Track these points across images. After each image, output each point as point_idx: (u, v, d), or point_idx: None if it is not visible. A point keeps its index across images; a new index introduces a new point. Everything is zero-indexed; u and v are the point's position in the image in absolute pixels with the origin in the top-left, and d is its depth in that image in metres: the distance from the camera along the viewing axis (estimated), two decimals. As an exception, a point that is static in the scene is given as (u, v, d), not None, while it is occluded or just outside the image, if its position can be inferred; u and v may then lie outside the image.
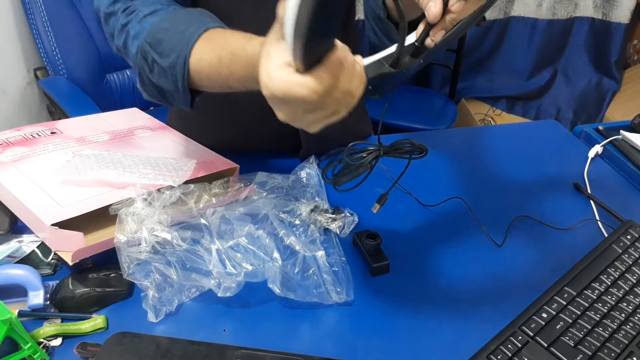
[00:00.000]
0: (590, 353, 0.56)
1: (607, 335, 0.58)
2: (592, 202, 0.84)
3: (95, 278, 0.62)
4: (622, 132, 0.98)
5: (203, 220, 0.64)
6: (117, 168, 0.68)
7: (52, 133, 0.79)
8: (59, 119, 1.15)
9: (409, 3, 0.53)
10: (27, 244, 0.67)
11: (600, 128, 1.03)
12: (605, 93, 2.36)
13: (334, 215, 0.69)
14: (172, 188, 0.66)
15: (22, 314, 0.58)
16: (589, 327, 0.59)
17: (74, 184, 0.66)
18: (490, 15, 2.30)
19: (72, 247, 0.59)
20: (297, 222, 0.67)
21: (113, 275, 0.62)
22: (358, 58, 0.45)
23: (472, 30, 2.17)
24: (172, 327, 0.60)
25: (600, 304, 0.62)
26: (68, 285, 0.61)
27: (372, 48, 0.60)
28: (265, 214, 0.66)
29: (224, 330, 0.60)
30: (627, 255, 0.69)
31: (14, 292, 0.61)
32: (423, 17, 0.54)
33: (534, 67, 2.43)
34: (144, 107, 1.03)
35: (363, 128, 1.00)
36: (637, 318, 0.61)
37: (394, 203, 0.82)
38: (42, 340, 0.56)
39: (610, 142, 0.97)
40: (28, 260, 0.65)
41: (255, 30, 0.77)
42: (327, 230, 0.69)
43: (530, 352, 0.56)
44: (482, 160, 0.95)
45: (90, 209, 0.62)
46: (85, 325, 0.58)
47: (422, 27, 0.53)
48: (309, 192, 0.72)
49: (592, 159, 0.95)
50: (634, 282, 0.66)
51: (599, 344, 0.57)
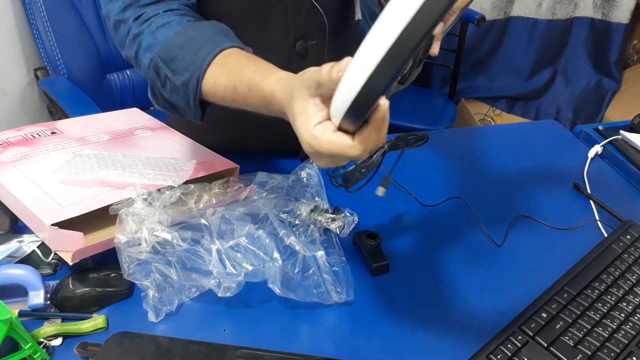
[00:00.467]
0: (590, 353, 0.56)
1: (606, 335, 0.58)
2: (591, 202, 0.84)
3: (96, 278, 0.62)
4: (621, 132, 0.98)
5: (203, 221, 0.64)
6: (117, 168, 0.68)
7: (52, 133, 0.79)
8: (59, 119, 1.15)
9: None
10: (27, 244, 0.67)
11: (600, 128, 1.03)
12: (605, 93, 2.36)
13: (334, 215, 0.69)
14: (172, 188, 0.66)
15: (22, 314, 0.58)
16: (589, 326, 0.59)
17: (74, 184, 0.66)
18: (490, 16, 2.30)
19: (72, 247, 0.59)
20: (297, 222, 0.67)
21: (113, 275, 0.63)
22: None
23: (472, 31, 2.17)
24: (172, 327, 0.60)
25: (600, 304, 0.62)
26: (68, 285, 0.61)
27: None
28: (265, 214, 0.66)
29: (224, 330, 0.60)
30: (626, 255, 0.70)
31: (15, 292, 0.61)
32: None
33: (534, 67, 2.43)
34: (144, 107, 1.03)
35: None
36: (636, 318, 0.61)
37: (394, 203, 0.82)
38: (42, 340, 0.56)
39: (610, 142, 0.97)
40: (28, 260, 0.65)
41: (256, 34, 0.78)
42: (327, 230, 0.69)
43: (530, 351, 0.56)
44: (482, 160, 0.95)
45: (90, 209, 0.62)
46: (86, 325, 0.58)
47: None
48: (309, 192, 0.72)
49: (591, 159, 0.95)
50: (634, 282, 0.66)
51: (599, 344, 0.57)
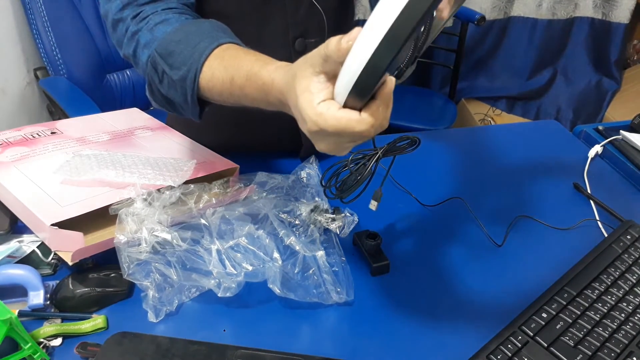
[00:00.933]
0: (590, 353, 0.56)
1: (607, 335, 0.58)
2: (592, 202, 0.84)
3: (96, 278, 0.62)
4: (622, 132, 0.98)
5: (203, 221, 0.64)
6: (117, 168, 0.68)
7: (52, 133, 0.79)
8: (59, 119, 1.15)
9: None
10: (27, 244, 0.67)
11: (600, 128, 1.03)
12: (605, 93, 2.36)
13: (334, 215, 0.69)
14: (172, 188, 0.66)
15: (22, 314, 0.58)
16: (589, 327, 0.59)
17: (74, 184, 0.66)
18: (490, 15, 2.30)
19: (72, 247, 0.59)
20: (297, 222, 0.67)
21: (113, 275, 0.62)
22: None
23: (472, 30, 2.17)
24: (172, 327, 0.60)
25: (600, 304, 0.62)
26: (68, 285, 0.61)
27: None
28: (265, 214, 0.66)
29: (224, 330, 0.60)
30: (627, 255, 0.69)
31: (14, 292, 0.61)
32: None
33: (534, 67, 2.43)
34: (144, 107, 1.03)
35: None
36: (637, 318, 0.61)
37: (394, 203, 0.82)
38: (42, 340, 0.56)
39: (610, 142, 0.97)
40: (28, 260, 0.65)
41: (255, 32, 0.77)
42: (327, 230, 0.69)
43: (530, 352, 0.56)
44: (482, 160, 0.95)
45: (90, 209, 0.62)
46: (86, 325, 0.58)
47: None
48: (309, 192, 0.72)
49: (592, 159, 0.95)
50: (634, 282, 0.66)
51: (599, 344, 0.57)
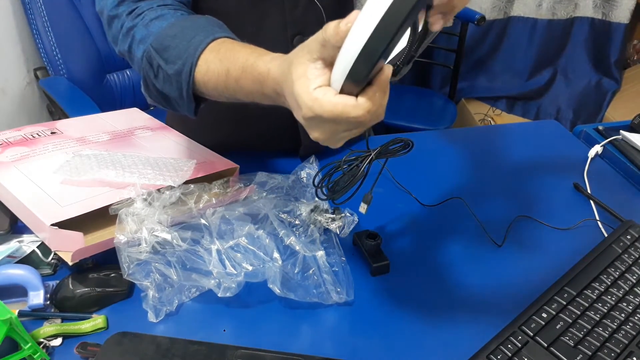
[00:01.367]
0: (590, 353, 0.56)
1: (607, 335, 0.58)
2: (592, 202, 0.84)
3: (96, 278, 0.62)
4: (622, 132, 0.98)
5: (203, 221, 0.64)
6: (116, 168, 0.68)
7: (52, 133, 0.79)
8: (59, 119, 1.15)
9: None
10: (27, 244, 0.67)
11: (600, 128, 1.03)
12: (605, 93, 2.36)
13: (334, 215, 0.69)
14: (172, 188, 0.66)
15: (22, 314, 0.58)
16: (589, 327, 0.59)
17: (74, 184, 0.66)
18: (490, 15, 2.30)
19: (71, 247, 0.59)
20: (297, 222, 0.67)
21: (113, 275, 0.62)
22: None
23: (472, 30, 2.17)
24: (172, 327, 0.60)
25: (600, 304, 0.62)
26: (68, 285, 0.61)
27: None
28: (265, 214, 0.66)
29: (224, 330, 0.60)
30: (627, 255, 0.69)
31: (14, 292, 0.61)
32: None
33: (534, 67, 2.43)
34: (144, 107, 1.03)
35: None
36: (637, 318, 0.61)
37: (394, 203, 0.82)
38: (42, 340, 0.56)
39: (610, 142, 0.97)
40: (28, 260, 0.65)
41: (253, 29, 0.77)
42: (327, 230, 0.69)
43: (530, 352, 0.56)
44: (482, 160, 0.95)
45: (90, 209, 0.62)
46: (86, 325, 0.58)
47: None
48: (309, 192, 0.72)
49: (592, 159, 0.95)
50: (634, 282, 0.66)
51: (599, 344, 0.57)
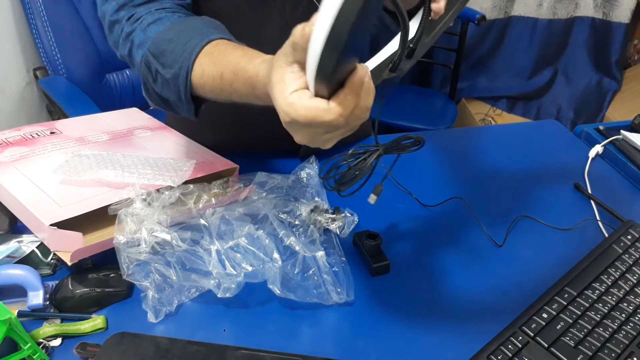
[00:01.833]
0: (591, 353, 0.56)
1: (607, 336, 0.58)
2: (592, 202, 0.84)
3: (95, 278, 0.62)
4: (622, 132, 0.98)
5: (202, 221, 0.64)
6: (116, 168, 0.68)
7: (51, 133, 0.79)
8: (59, 119, 1.15)
9: None
10: (26, 244, 0.67)
11: (601, 128, 1.03)
12: (606, 93, 2.36)
13: (334, 216, 0.69)
14: (171, 188, 0.66)
15: (21, 314, 0.58)
16: (590, 327, 0.59)
17: (73, 184, 0.66)
18: (491, 15, 2.30)
19: (71, 247, 0.59)
20: (296, 222, 0.67)
21: (113, 276, 0.62)
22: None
23: (472, 30, 2.17)
24: (171, 327, 0.60)
25: (601, 304, 0.62)
26: (67, 286, 0.61)
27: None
28: (265, 215, 0.66)
29: (224, 331, 0.60)
30: (627, 256, 0.69)
31: (14, 292, 0.60)
32: (417, 10, 0.54)
33: (535, 66, 2.43)
34: (144, 107, 1.03)
35: (362, 127, 1.00)
36: (637, 318, 0.61)
37: (394, 203, 0.82)
38: (41, 341, 0.56)
39: (611, 142, 0.97)
40: (27, 261, 0.65)
41: (254, 30, 0.77)
42: (327, 231, 0.69)
43: (531, 352, 0.56)
44: (482, 160, 0.95)
45: (89, 209, 0.62)
46: (85, 326, 0.58)
47: (415, 28, 0.54)
48: (309, 192, 0.72)
49: (592, 159, 0.95)
50: (635, 282, 0.66)
51: (600, 344, 0.57)
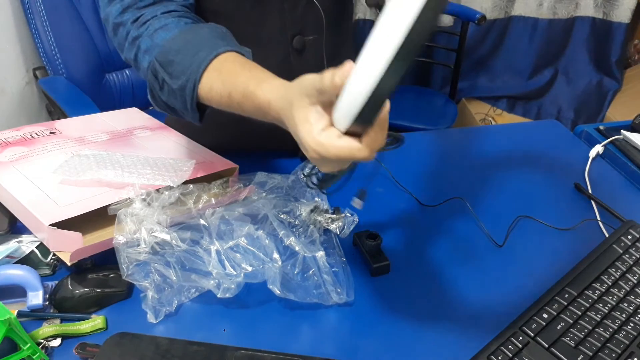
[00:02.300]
0: (591, 353, 0.56)
1: (607, 336, 0.58)
2: (592, 202, 0.84)
3: (95, 278, 0.62)
4: (623, 132, 0.98)
5: (202, 221, 0.64)
6: (115, 168, 0.67)
7: (51, 133, 0.79)
8: (58, 119, 1.14)
9: None
10: (26, 244, 0.67)
11: (601, 128, 1.02)
12: (606, 93, 2.36)
13: (334, 216, 0.69)
14: (171, 188, 0.66)
15: (21, 314, 0.58)
16: (590, 327, 0.59)
17: (73, 184, 0.66)
18: (491, 15, 2.30)
19: (70, 247, 0.59)
20: (296, 222, 0.67)
21: (112, 276, 0.62)
22: None
23: (472, 30, 2.17)
24: (171, 327, 0.60)
25: (601, 305, 0.62)
26: (67, 286, 0.61)
27: None
28: (265, 215, 0.66)
29: (224, 331, 0.60)
30: (627, 256, 0.69)
31: (13, 292, 0.60)
32: None
33: (535, 66, 2.42)
34: (143, 106, 1.03)
35: None
36: (637, 318, 0.61)
37: (394, 203, 0.82)
38: (41, 341, 0.56)
39: (611, 142, 0.97)
40: (27, 261, 0.65)
41: (253, 30, 0.77)
42: (327, 231, 0.69)
43: (531, 352, 0.56)
44: (482, 160, 0.95)
45: (89, 209, 0.62)
46: (85, 326, 0.58)
47: None
48: (309, 192, 0.72)
49: (593, 159, 0.95)
50: (635, 282, 0.65)
51: (600, 345, 0.57)
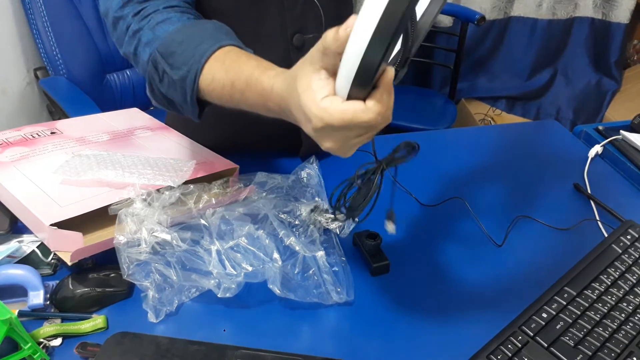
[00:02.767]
0: (590, 353, 0.56)
1: (607, 335, 0.58)
2: (592, 202, 0.84)
3: (95, 278, 0.62)
4: (622, 132, 0.98)
5: (203, 221, 0.64)
6: (116, 168, 0.68)
7: (52, 133, 0.79)
8: (59, 119, 1.15)
9: None
10: (27, 244, 0.67)
11: (600, 128, 1.03)
12: (605, 93, 2.36)
13: (334, 215, 0.69)
14: (171, 188, 0.66)
15: (22, 314, 0.58)
16: (589, 327, 0.59)
17: (74, 184, 0.66)
18: (490, 15, 2.30)
19: (71, 247, 0.59)
20: (296, 222, 0.67)
21: (113, 275, 0.62)
22: None
23: (472, 30, 2.17)
24: (172, 327, 0.60)
25: (600, 304, 0.62)
26: (68, 285, 0.61)
27: None
28: (265, 215, 0.66)
29: (224, 330, 0.60)
30: (627, 255, 0.69)
31: (14, 292, 0.61)
32: None
33: (534, 67, 2.43)
34: (144, 107, 1.03)
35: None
36: (637, 318, 0.61)
37: (394, 203, 0.82)
38: (42, 340, 0.56)
39: (610, 142, 0.97)
40: (28, 260, 0.65)
41: (253, 28, 0.77)
42: (327, 231, 0.69)
43: (530, 352, 0.56)
44: (482, 160, 0.95)
45: (90, 209, 0.62)
46: (85, 325, 0.58)
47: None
48: (309, 192, 0.72)
49: (592, 159, 0.95)
50: (634, 282, 0.66)
51: (599, 344, 0.57)
